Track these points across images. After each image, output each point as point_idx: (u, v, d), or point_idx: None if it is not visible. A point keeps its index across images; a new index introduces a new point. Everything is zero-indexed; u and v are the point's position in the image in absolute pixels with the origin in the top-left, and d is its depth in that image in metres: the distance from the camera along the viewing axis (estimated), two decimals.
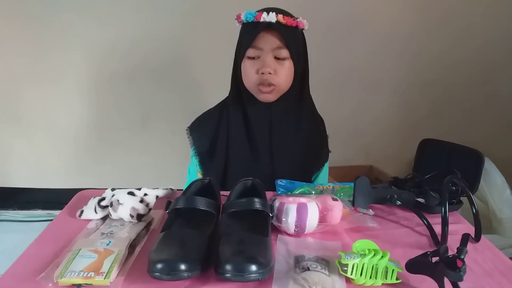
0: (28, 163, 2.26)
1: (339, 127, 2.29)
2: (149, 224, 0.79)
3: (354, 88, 2.29)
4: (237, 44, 1.09)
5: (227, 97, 1.16)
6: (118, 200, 0.78)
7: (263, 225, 0.72)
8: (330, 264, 0.65)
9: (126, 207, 0.77)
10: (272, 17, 0.96)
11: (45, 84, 2.09)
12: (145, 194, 0.82)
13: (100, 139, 2.22)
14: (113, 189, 0.84)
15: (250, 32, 1.00)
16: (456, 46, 2.26)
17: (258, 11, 0.99)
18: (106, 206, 0.79)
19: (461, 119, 2.44)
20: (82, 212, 0.81)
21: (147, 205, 0.80)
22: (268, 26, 0.98)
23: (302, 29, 1.05)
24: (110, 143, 2.23)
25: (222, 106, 1.16)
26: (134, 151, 2.22)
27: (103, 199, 0.81)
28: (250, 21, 1.00)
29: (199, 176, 1.16)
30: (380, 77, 2.28)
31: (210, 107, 1.19)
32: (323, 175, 1.25)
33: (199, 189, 0.82)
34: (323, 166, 1.23)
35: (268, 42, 0.99)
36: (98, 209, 0.79)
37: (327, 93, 2.19)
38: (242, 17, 1.01)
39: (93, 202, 0.81)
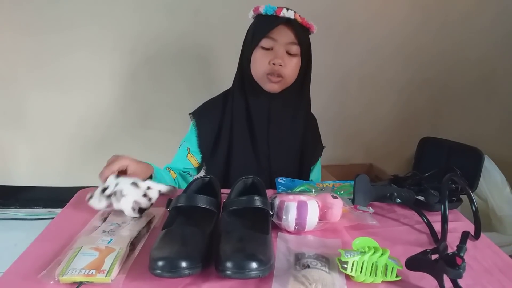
0: (30, 161, 2.26)
1: (339, 125, 2.30)
2: (150, 222, 0.79)
3: (354, 87, 2.29)
4: (248, 34, 1.13)
5: (229, 88, 1.21)
6: (121, 191, 0.78)
7: (264, 222, 0.72)
8: (330, 261, 0.65)
9: (128, 200, 0.77)
10: (291, 14, 1.04)
11: (46, 83, 2.09)
12: (148, 188, 0.82)
13: (101, 138, 2.22)
14: (117, 176, 0.83)
15: (269, 23, 1.05)
16: (457, 45, 2.26)
17: (277, 7, 1.05)
18: (110, 196, 0.79)
19: (461, 117, 2.44)
20: (91, 197, 0.81)
21: (149, 199, 0.80)
22: (285, 22, 1.04)
23: (311, 32, 1.11)
24: (111, 142, 2.23)
25: (226, 95, 1.21)
26: (135, 150, 2.19)
27: (106, 188, 0.81)
28: (269, 14, 1.05)
29: (192, 161, 1.19)
30: (380, 75, 2.28)
31: None
32: (317, 171, 1.31)
33: (200, 187, 0.83)
34: (317, 160, 1.29)
35: (284, 36, 1.05)
36: (101, 198, 0.79)
37: (327, 92, 2.20)
38: (261, 10, 1.07)
39: (98, 191, 0.82)
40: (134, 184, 0.81)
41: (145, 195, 0.80)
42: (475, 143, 1.85)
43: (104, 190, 0.80)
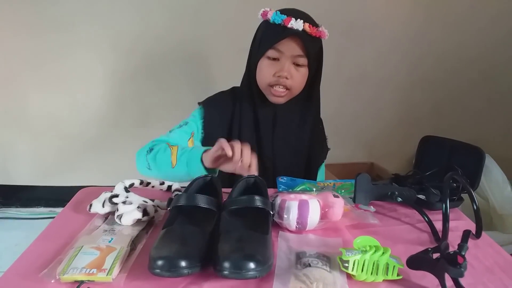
0: (31, 161, 2.26)
1: (341, 124, 2.30)
2: (151, 221, 0.79)
3: (356, 86, 2.29)
4: (255, 38, 1.10)
5: (238, 86, 1.19)
6: (131, 201, 0.77)
7: (264, 222, 0.72)
8: (331, 260, 0.65)
9: (135, 206, 0.77)
10: (299, 25, 0.98)
11: (47, 82, 2.09)
12: (156, 210, 0.81)
13: (102, 136, 2.22)
14: (127, 190, 0.82)
15: (276, 34, 1.01)
16: (459, 45, 2.26)
17: (286, 15, 0.99)
18: (116, 204, 0.78)
19: (462, 116, 2.44)
20: (91, 205, 0.81)
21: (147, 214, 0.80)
22: (294, 33, 0.99)
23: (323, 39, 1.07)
24: (112, 141, 2.23)
25: (234, 94, 1.18)
26: (136, 148, 2.21)
27: (115, 196, 0.80)
28: (277, 23, 1.00)
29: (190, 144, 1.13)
30: (382, 74, 2.28)
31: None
32: (321, 172, 1.29)
33: (201, 186, 0.82)
34: (322, 162, 1.28)
35: (291, 49, 1.01)
36: (107, 203, 0.79)
37: (329, 91, 2.17)
38: (269, 17, 1.01)
39: (104, 196, 0.80)
40: (144, 201, 0.80)
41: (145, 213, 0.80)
42: (476, 142, 1.85)
43: (112, 197, 0.79)
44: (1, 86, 2.08)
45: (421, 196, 0.91)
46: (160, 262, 0.58)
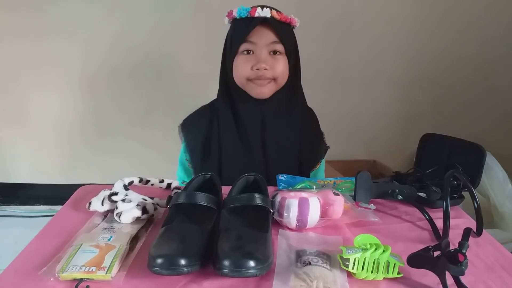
0: (30, 159, 2.27)
1: (342, 122, 2.30)
2: (150, 219, 0.79)
3: (357, 84, 2.28)
4: (226, 41, 1.07)
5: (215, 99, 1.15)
6: (130, 199, 0.77)
7: (264, 220, 0.72)
8: (331, 258, 0.65)
9: (134, 204, 0.77)
10: (266, 12, 0.97)
11: (46, 80, 2.09)
12: (155, 208, 0.80)
13: (101, 134, 2.22)
14: (126, 188, 0.82)
15: (244, 27, 0.99)
16: (459, 42, 2.25)
17: (251, 7, 0.98)
18: (116, 202, 0.78)
19: (463, 114, 2.43)
20: (90, 203, 0.80)
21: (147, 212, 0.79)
22: (262, 22, 0.97)
23: (294, 26, 1.05)
24: (111, 138, 2.23)
25: (213, 105, 1.14)
26: (135, 146, 2.22)
27: (114, 194, 0.79)
28: (243, 16, 0.99)
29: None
30: (383, 72, 2.27)
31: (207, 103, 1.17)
32: (320, 173, 1.23)
33: (201, 184, 0.82)
34: (319, 163, 1.20)
35: (263, 37, 0.99)
36: (106, 201, 0.78)
37: (330, 89, 2.19)
38: (235, 13, 1.00)
39: (103, 194, 0.80)
40: (144, 199, 0.80)
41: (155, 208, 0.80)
42: (477, 140, 1.85)
43: (111, 195, 0.79)
44: (0, 83, 2.08)
45: (422, 194, 0.91)
46: (159, 260, 0.57)
